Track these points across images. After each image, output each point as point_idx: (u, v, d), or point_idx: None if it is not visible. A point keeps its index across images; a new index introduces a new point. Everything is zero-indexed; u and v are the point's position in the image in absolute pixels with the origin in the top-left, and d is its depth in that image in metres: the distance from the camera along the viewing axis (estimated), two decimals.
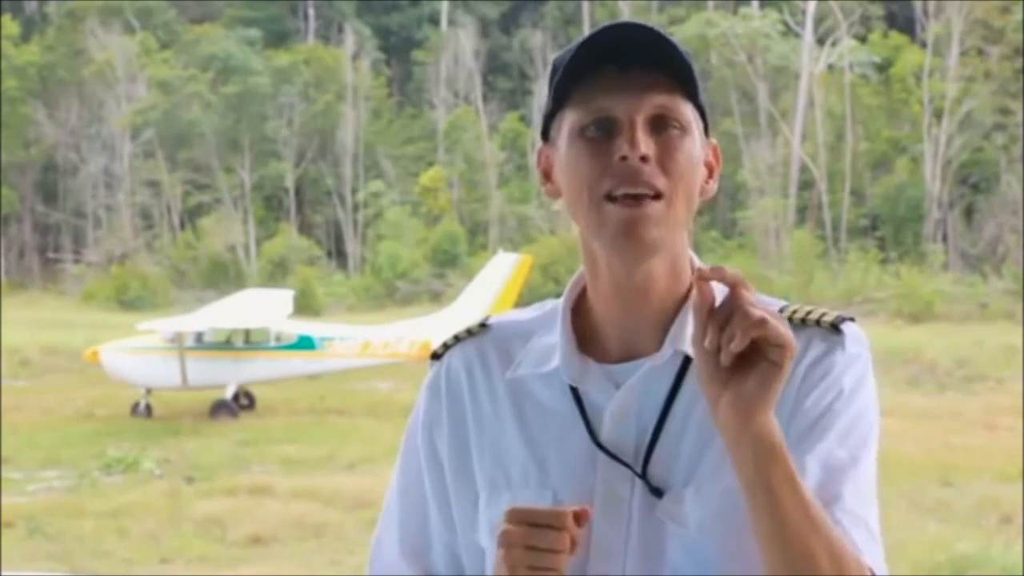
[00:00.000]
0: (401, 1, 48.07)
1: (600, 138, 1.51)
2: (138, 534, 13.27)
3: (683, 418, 1.54)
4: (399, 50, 47.61)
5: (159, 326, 20.99)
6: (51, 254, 43.08)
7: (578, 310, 1.62)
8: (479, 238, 39.64)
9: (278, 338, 20.87)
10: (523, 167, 40.64)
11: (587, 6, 44.16)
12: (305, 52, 44.23)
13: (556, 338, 1.60)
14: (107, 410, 20.57)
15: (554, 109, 1.55)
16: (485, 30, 46.39)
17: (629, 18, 1.57)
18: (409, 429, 1.70)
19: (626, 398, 1.55)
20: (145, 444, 17.47)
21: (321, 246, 41.19)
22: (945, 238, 37.51)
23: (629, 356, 1.56)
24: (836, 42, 39.38)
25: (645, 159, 1.48)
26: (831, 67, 39.56)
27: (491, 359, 1.64)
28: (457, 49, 44.26)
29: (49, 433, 18.52)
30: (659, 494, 1.52)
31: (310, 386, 21.93)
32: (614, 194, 1.49)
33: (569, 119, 1.53)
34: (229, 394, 20.25)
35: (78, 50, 43.82)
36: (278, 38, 45.92)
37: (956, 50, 37.86)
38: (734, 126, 38.11)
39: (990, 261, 35.15)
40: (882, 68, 39.38)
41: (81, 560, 12.32)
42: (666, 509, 1.51)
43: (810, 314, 1.55)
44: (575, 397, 1.57)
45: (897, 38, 40.26)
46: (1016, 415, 18.30)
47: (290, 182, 42.30)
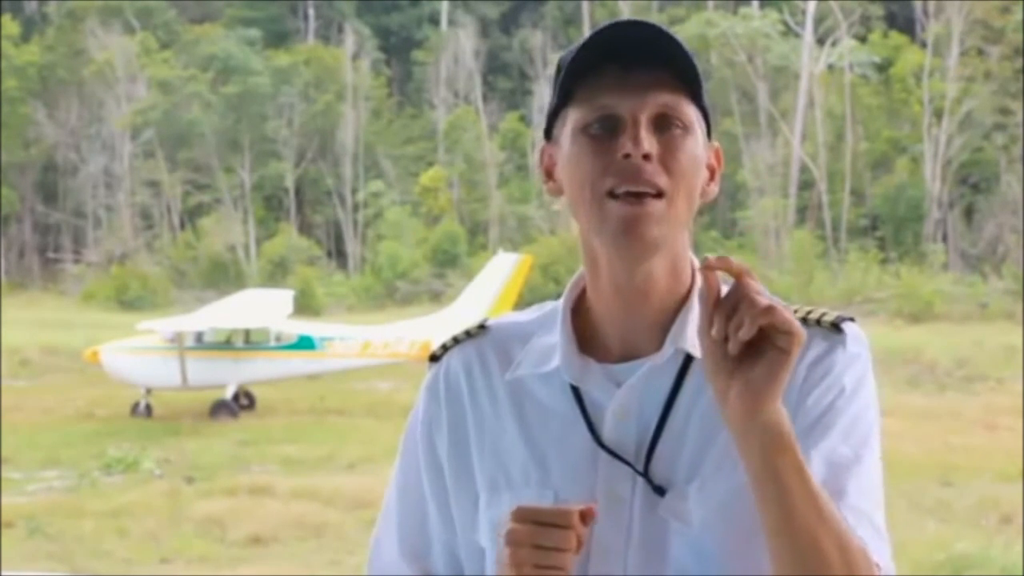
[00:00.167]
0: (401, 1, 48.06)
1: (603, 136, 1.51)
2: (138, 534, 13.27)
3: (685, 416, 1.54)
4: (399, 50, 47.61)
5: (159, 326, 20.98)
6: (51, 254, 43.07)
7: (578, 310, 1.62)
8: (479, 238, 39.62)
9: (278, 338, 20.87)
10: (523, 167, 40.63)
11: (587, 6, 44.15)
12: (305, 52, 44.22)
13: (556, 338, 1.60)
14: (107, 410, 20.57)
15: (558, 107, 1.56)
16: (485, 30, 46.38)
17: (628, 17, 1.56)
18: (408, 430, 1.70)
19: (627, 397, 1.55)
20: (145, 444, 17.47)
21: (321, 246, 41.18)
22: (945, 238, 37.50)
23: (629, 355, 1.57)
24: (836, 42, 39.37)
25: (648, 157, 1.49)
26: (831, 67, 39.55)
27: (490, 360, 1.64)
28: (457, 49, 44.25)
29: (49, 433, 18.52)
30: (661, 492, 1.52)
31: (310, 386, 21.93)
32: (616, 192, 1.49)
33: (573, 117, 1.53)
34: (229, 394, 20.25)
35: (78, 50, 43.81)
36: (278, 38, 45.92)
37: (956, 50, 37.85)
38: (734, 126, 38.10)
39: (990, 261, 35.14)
40: (882, 68, 39.38)
41: (81, 560, 12.32)
42: (669, 507, 1.51)
43: (810, 314, 1.55)
44: (576, 396, 1.57)
45: (897, 38, 40.25)
46: (1016, 415, 18.29)
47: (290, 182, 42.29)
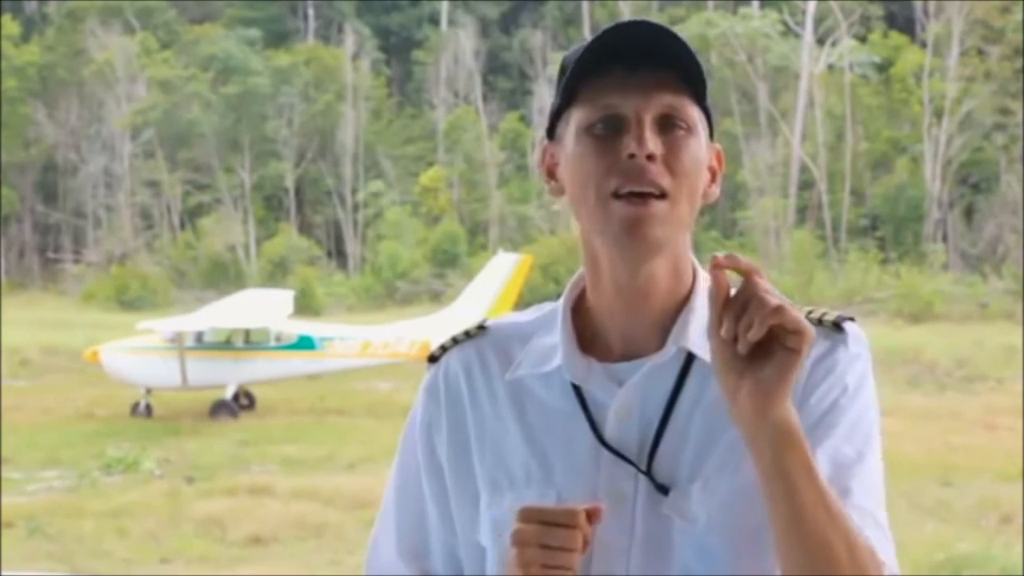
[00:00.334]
0: (401, 1, 48.06)
1: (607, 135, 1.51)
2: (138, 534, 13.27)
3: (687, 415, 1.54)
4: (399, 50, 47.61)
5: (159, 326, 20.98)
6: (51, 254, 43.07)
7: (578, 310, 1.62)
8: (479, 238, 39.62)
9: (278, 338, 20.87)
10: (523, 167, 40.63)
11: (587, 6, 44.16)
12: (305, 52, 44.23)
13: (556, 338, 1.60)
14: (107, 410, 20.56)
15: (561, 106, 1.56)
16: (485, 30, 46.38)
17: (632, 18, 1.56)
18: (406, 431, 1.70)
19: (630, 396, 1.55)
20: (145, 444, 17.46)
21: (321, 246, 41.18)
22: (945, 238, 37.50)
23: (630, 355, 1.57)
24: (836, 42, 39.36)
25: (652, 158, 1.49)
26: (831, 67, 39.55)
27: (490, 360, 1.64)
28: (457, 49, 44.24)
29: (49, 433, 18.51)
30: (664, 491, 1.52)
31: (310, 386, 21.92)
32: (620, 192, 1.50)
33: (577, 116, 1.53)
34: (229, 394, 20.25)
35: (78, 50, 43.81)
36: (278, 38, 45.92)
37: (956, 50, 37.85)
38: (734, 126, 38.09)
39: (990, 261, 35.14)
40: (882, 68, 39.37)
41: (81, 560, 12.31)
42: (673, 505, 1.51)
43: (811, 313, 1.55)
44: (578, 396, 1.57)
45: (897, 38, 40.25)
46: (1016, 415, 18.29)
47: (290, 182, 42.29)
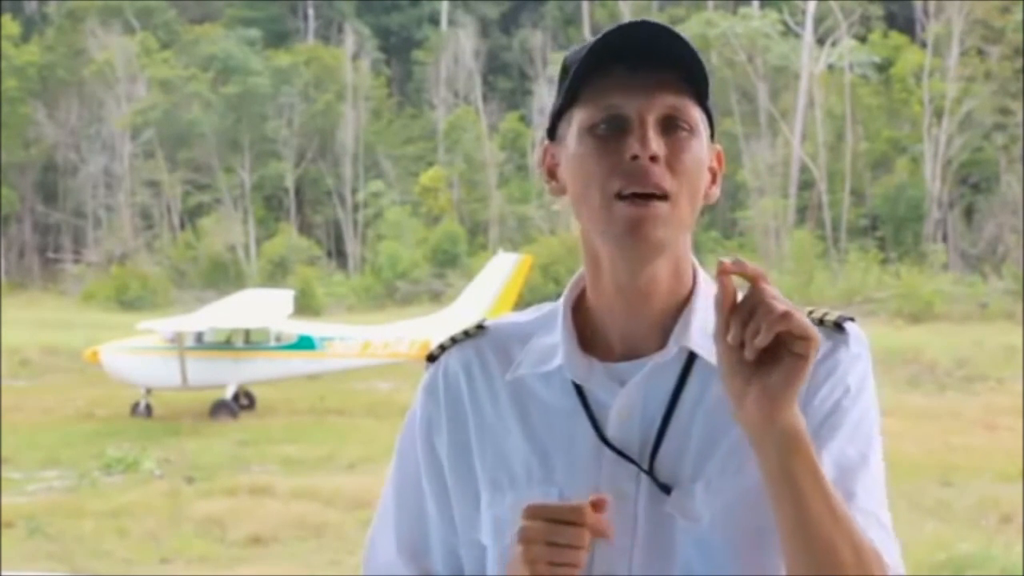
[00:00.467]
0: (401, 1, 48.06)
1: (610, 136, 1.51)
2: (138, 534, 13.26)
3: (689, 415, 1.54)
4: (399, 50, 47.61)
5: (159, 326, 20.98)
6: (51, 254, 43.06)
7: (578, 309, 1.62)
8: (479, 238, 39.62)
9: (278, 338, 20.86)
10: (523, 167, 40.63)
11: (587, 6, 44.16)
12: (305, 52, 44.22)
13: (556, 338, 1.60)
14: (107, 410, 20.56)
15: (563, 106, 1.55)
16: (485, 30, 46.38)
17: (633, 18, 1.56)
18: (405, 430, 1.70)
19: (632, 395, 1.55)
20: (145, 444, 17.46)
21: (321, 246, 41.18)
22: (945, 238, 37.50)
23: (631, 354, 1.57)
24: (836, 42, 39.36)
25: (655, 159, 1.49)
26: (831, 67, 39.55)
27: (490, 360, 1.64)
28: (457, 49, 44.24)
29: (49, 433, 18.51)
30: (666, 490, 1.52)
31: (310, 386, 21.92)
32: (623, 193, 1.50)
33: (579, 117, 1.53)
34: (229, 394, 20.24)
35: (78, 50, 43.81)
36: (278, 38, 45.92)
37: (956, 50, 37.85)
38: (734, 126, 38.08)
39: (990, 261, 35.14)
40: (882, 68, 39.37)
41: (81, 560, 12.31)
42: (676, 504, 1.52)
43: (811, 313, 1.55)
44: (579, 395, 1.57)
45: (897, 38, 40.25)
46: (1016, 415, 18.29)
47: (290, 182, 42.29)
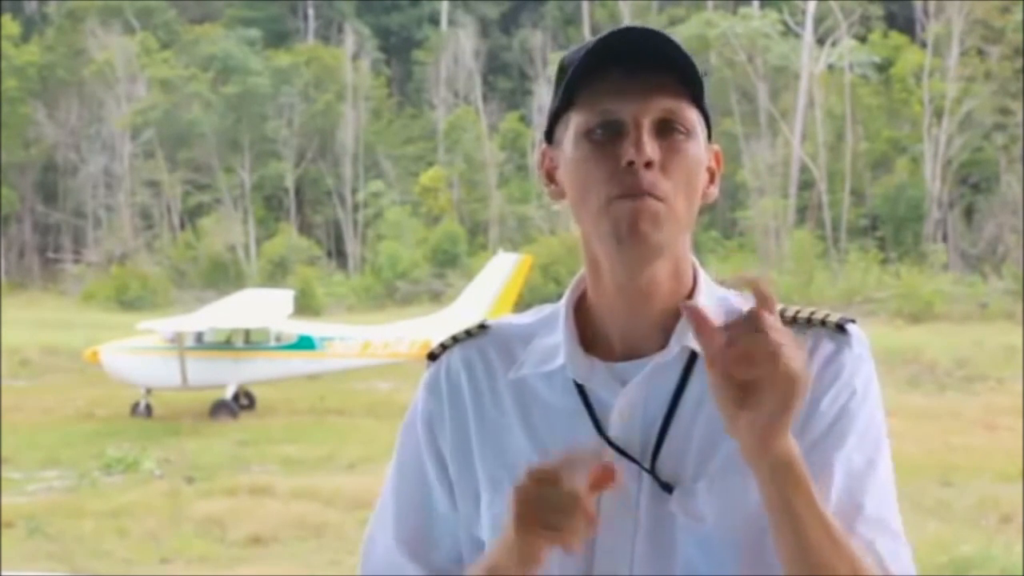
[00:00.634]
0: (401, 1, 48.07)
1: (606, 140, 1.51)
2: (138, 534, 13.26)
3: (691, 414, 1.55)
4: (399, 50, 47.62)
5: (159, 326, 20.98)
6: (51, 254, 43.08)
7: (579, 310, 1.62)
8: (479, 238, 39.63)
9: (278, 338, 20.86)
10: (523, 167, 40.63)
11: (587, 6, 44.17)
12: (305, 52, 44.24)
13: (557, 338, 1.61)
14: (107, 410, 20.56)
15: (559, 110, 1.56)
16: (485, 30, 46.39)
17: (630, 19, 1.55)
18: (405, 427, 1.70)
19: (633, 394, 1.55)
20: (145, 444, 17.45)
21: (321, 246, 41.19)
22: (945, 238, 37.50)
23: (632, 354, 1.57)
24: (836, 42, 39.37)
25: (650, 164, 1.49)
26: (831, 67, 39.55)
27: (493, 359, 1.64)
28: (457, 49, 44.25)
29: (49, 433, 18.51)
30: (668, 489, 1.53)
31: (310, 386, 21.92)
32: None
33: (575, 121, 1.54)
34: (229, 394, 20.24)
35: (78, 50, 43.83)
36: (278, 38, 45.94)
37: (956, 50, 37.85)
38: (734, 126, 38.09)
39: (990, 261, 35.14)
40: (882, 68, 39.37)
41: (81, 560, 12.30)
42: (679, 503, 1.52)
43: (814, 314, 1.56)
44: (581, 394, 1.57)
45: (897, 38, 40.26)
46: (1016, 415, 18.28)
47: (290, 182, 42.30)
